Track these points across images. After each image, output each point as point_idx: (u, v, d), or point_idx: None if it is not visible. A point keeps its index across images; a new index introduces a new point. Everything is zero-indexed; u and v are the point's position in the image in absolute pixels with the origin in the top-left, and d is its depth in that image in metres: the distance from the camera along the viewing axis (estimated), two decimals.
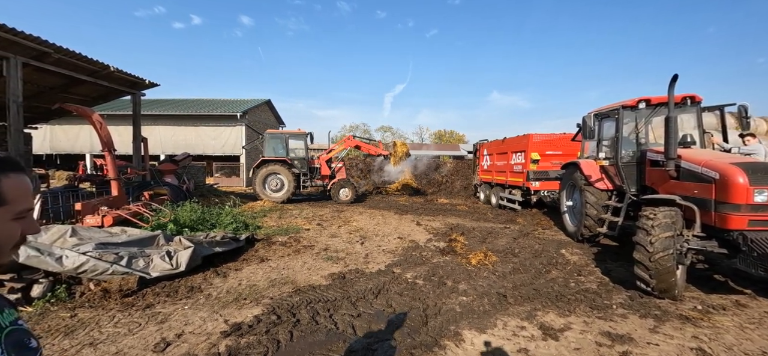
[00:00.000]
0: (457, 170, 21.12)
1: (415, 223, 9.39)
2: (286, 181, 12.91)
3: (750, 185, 3.98)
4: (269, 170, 12.92)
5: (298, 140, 13.87)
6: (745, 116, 5.38)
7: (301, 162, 13.60)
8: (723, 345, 3.37)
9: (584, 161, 7.01)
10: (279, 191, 12.94)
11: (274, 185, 12.96)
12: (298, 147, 13.79)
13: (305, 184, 13.70)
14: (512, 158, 11.29)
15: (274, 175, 12.94)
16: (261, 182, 12.87)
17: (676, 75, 4.56)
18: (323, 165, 14.20)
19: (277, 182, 12.96)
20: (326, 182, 14.20)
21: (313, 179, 14.05)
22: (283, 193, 12.92)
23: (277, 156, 13.23)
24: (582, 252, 6.57)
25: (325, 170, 14.17)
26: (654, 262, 4.14)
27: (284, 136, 13.79)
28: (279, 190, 12.96)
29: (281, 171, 12.92)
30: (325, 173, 14.17)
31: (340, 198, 13.50)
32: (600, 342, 3.39)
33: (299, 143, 13.83)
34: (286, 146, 13.54)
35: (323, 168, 14.17)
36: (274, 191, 12.94)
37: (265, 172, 12.92)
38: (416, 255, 6.30)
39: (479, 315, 3.94)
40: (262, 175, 12.89)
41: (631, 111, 6.00)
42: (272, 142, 13.56)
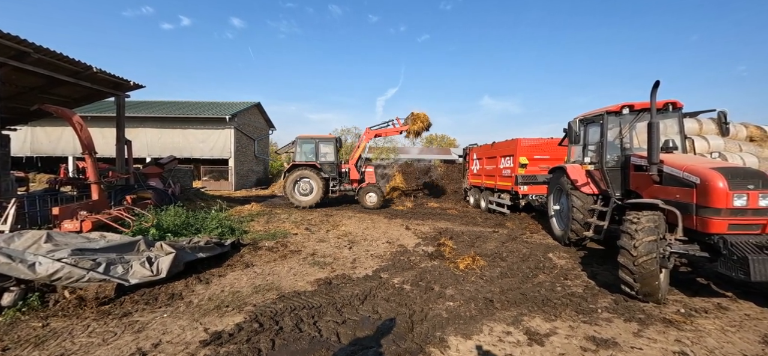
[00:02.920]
0: (447, 174, 21.20)
1: (404, 227, 9.36)
2: (315, 185, 12.93)
3: (730, 190, 4.06)
4: (299, 175, 13.00)
5: (328, 144, 13.80)
6: (724, 122, 5.50)
7: (330, 166, 13.58)
8: (705, 348, 3.40)
9: (570, 166, 7.08)
10: (308, 195, 12.96)
11: (303, 189, 13.01)
12: (328, 152, 13.70)
13: (334, 188, 13.58)
14: (501, 162, 11.37)
15: (304, 179, 13.02)
16: (292, 186, 12.95)
17: (658, 81, 4.64)
18: (352, 169, 14.00)
19: (306, 186, 13.02)
20: (355, 186, 13.99)
21: (342, 184, 13.94)
22: (312, 197, 12.92)
23: (307, 161, 13.26)
24: (569, 256, 6.61)
25: (354, 174, 13.97)
26: (638, 266, 4.18)
27: (315, 140, 13.72)
28: (308, 194, 12.98)
29: (311, 175, 12.95)
30: (355, 177, 13.95)
31: (367, 203, 13.26)
32: (585, 347, 3.38)
33: (329, 148, 13.74)
34: (317, 150, 13.52)
35: (352, 172, 13.98)
36: (304, 195, 12.99)
37: (296, 176, 12.98)
38: (404, 260, 6.25)
39: (466, 321, 3.91)
40: (292, 179, 12.97)
41: (616, 116, 6.08)
42: (303, 146, 13.56)
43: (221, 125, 21.69)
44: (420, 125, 13.59)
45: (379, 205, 13.21)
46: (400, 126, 14.06)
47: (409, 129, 13.69)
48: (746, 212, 4.06)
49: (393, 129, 14.24)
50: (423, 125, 13.64)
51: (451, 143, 63.01)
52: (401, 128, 13.99)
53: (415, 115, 13.69)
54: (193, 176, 17.85)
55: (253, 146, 25.36)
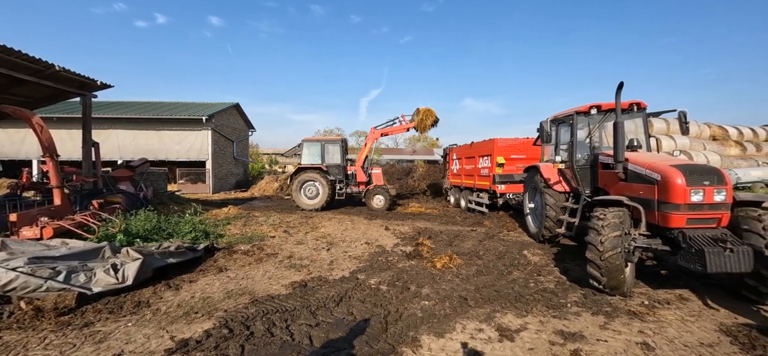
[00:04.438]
0: (429, 174, 21.37)
1: (383, 228, 9.35)
2: (322, 188, 12.71)
3: (687, 186, 4.26)
4: (305, 178, 12.78)
5: (334, 146, 13.59)
6: (684, 122, 5.77)
7: (337, 169, 13.34)
8: (666, 338, 3.55)
9: (544, 165, 7.27)
10: (314, 199, 12.75)
11: (310, 193, 12.81)
12: (334, 154, 13.48)
13: (341, 191, 13.33)
14: (479, 162, 11.56)
15: (310, 182, 12.80)
16: (298, 189, 12.77)
17: (622, 82, 4.82)
18: (359, 171, 13.71)
19: (312, 189, 12.82)
20: (362, 188, 13.73)
21: (349, 186, 13.67)
22: (318, 200, 12.70)
23: (313, 163, 13.03)
24: (543, 252, 6.78)
25: (360, 176, 13.68)
26: (604, 260, 4.32)
27: (321, 142, 13.55)
28: (315, 197, 12.78)
29: (317, 178, 12.74)
30: (362, 180, 13.66)
31: (374, 206, 13.01)
32: (553, 341, 3.47)
33: (335, 150, 13.52)
34: (322, 152, 13.29)
35: (359, 174, 13.69)
36: (310, 198, 12.80)
37: (301, 179, 12.78)
38: (382, 260, 6.25)
39: (439, 320, 3.94)
40: (298, 182, 12.78)
41: (585, 116, 6.29)
42: (309, 149, 13.34)
43: (198, 126, 21.08)
44: (430, 119, 13.34)
45: (387, 207, 12.93)
46: (407, 123, 13.73)
47: (417, 125, 13.42)
48: (703, 207, 4.27)
49: (400, 127, 13.90)
50: (432, 119, 13.40)
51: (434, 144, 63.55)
52: (408, 125, 13.69)
53: (421, 111, 13.42)
54: (168, 179, 17.27)
55: (231, 147, 24.78)
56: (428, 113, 13.27)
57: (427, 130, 13.40)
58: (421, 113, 13.29)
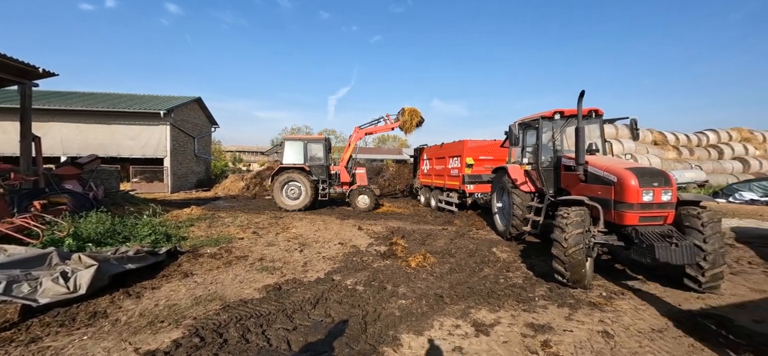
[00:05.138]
0: (399, 174, 21.59)
1: (356, 228, 9.32)
2: (305, 189, 12.45)
3: (640, 187, 4.67)
4: (287, 178, 12.46)
5: (317, 145, 13.28)
6: (635, 128, 6.32)
7: (320, 169, 13.07)
8: (622, 325, 3.87)
9: (511, 166, 7.63)
10: (297, 199, 12.49)
11: (292, 193, 12.52)
12: (318, 153, 13.21)
13: (324, 191, 13.06)
14: (449, 162, 11.87)
15: (293, 182, 12.52)
16: (279, 190, 12.44)
17: (583, 91, 5.18)
18: (343, 171, 13.58)
19: (295, 189, 12.55)
20: (346, 188, 13.58)
21: (332, 186, 13.48)
22: (300, 201, 12.44)
23: (295, 163, 12.73)
24: (510, 250, 7.11)
25: (344, 176, 13.54)
26: (568, 256, 4.63)
27: (303, 142, 13.22)
28: (297, 198, 12.52)
29: (299, 178, 12.47)
30: (345, 180, 13.52)
31: (359, 206, 12.87)
32: (524, 334, 3.66)
33: (318, 149, 13.24)
34: (305, 152, 12.98)
35: (343, 174, 13.55)
36: (292, 199, 12.52)
37: (283, 179, 12.44)
38: (357, 261, 6.23)
39: (417, 318, 4.00)
40: (280, 183, 12.45)
41: (549, 121, 6.68)
42: (291, 148, 12.98)
43: (155, 121, 19.70)
44: (415, 120, 13.43)
45: (371, 207, 12.85)
46: (392, 123, 13.75)
47: (402, 125, 13.46)
48: (652, 206, 4.70)
49: (385, 126, 13.89)
50: (417, 119, 13.51)
51: (403, 144, 64.32)
52: (393, 125, 13.72)
53: (406, 111, 13.46)
54: (120, 178, 16.02)
55: (192, 144, 23.45)
56: (414, 113, 13.40)
57: (412, 130, 13.54)
58: (407, 113, 13.39)
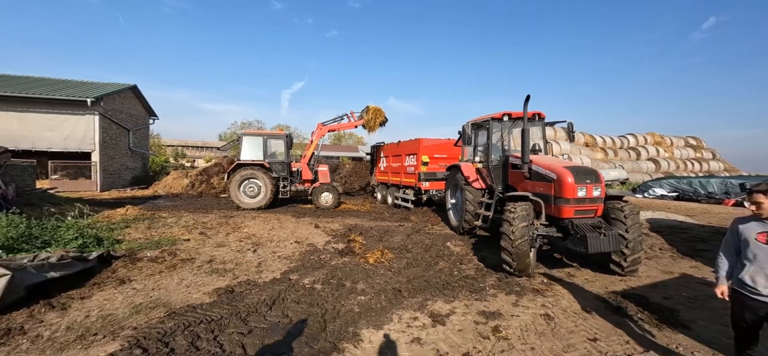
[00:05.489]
0: (355, 172, 21.55)
1: (313, 226, 9.16)
2: (264, 186, 11.96)
3: (575, 184, 5.19)
4: (245, 175, 11.87)
5: (278, 141, 12.85)
6: (571, 131, 6.99)
7: (280, 165, 12.59)
8: (561, 308, 4.28)
9: (464, 164, 8.02)
10: (256, 197, 11.98)
11: (251, 191, 11.98)
12: (278, 149, 12.81)
13: (285, 189, 12.60)
14: (406, 160, 12.13)
15: (251, 180, 11.97)
16: (236, 187, 11.84)
17: (529, 95, 5.62)
18: (304, 168, 13.22)
19: (253, 187, 12.00)
20: (308, 186, 13.20)
21: (294, 184, 13.09)
22: (260, 198, 11.95)
23: (254, 159, 12.13)
24: (463, 243, 7.48)
25: (306, 173, 13.20)
26: (515, 248, 5.01)
27: (263, 137, 12.64)
28: (256, 195, 12.00)
29: (259, 175, 11.94)
30: (307, 177, 13.17)
31: (321, 203, 12.54)
32: (477, 321, 3.90)
33: (279, 145, 12.84)
34: (265, 148, 12.45)
35: (305, 172, 13.19)
36: (251, 197, 11.99)
37: (241, 176, 11.84)
38: (314, 259, 6.14)
39: (377, 313, 4.07)
40: (237, 180, 11.83)
41: (498, 122, 7.13)
42: (249, 144, 12.39)
43: (80, 110, 17.45)
44: (380, 118, 13.39)
45: (335, 205, 12.67)
46: (355, 120, 13.63)
47: (366, 123, 13.35)
48: (585, 200, 5.25)
49: (348, 123, 13.73)
50: (381, 118, 13.47)
51: (359, 141, 64.22)
52: (357, 122, 13.60)
53: (371, 109, 13.39)
54: (37, 174, 14.01)
55: (127, 137, 21.22)
56: (378, 112, 13.42)
57: (375, 129, 13.52)
58: (372, 111, 13.36)
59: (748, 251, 2.50)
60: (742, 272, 2.52)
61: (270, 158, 12.58)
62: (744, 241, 2.53)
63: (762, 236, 2.44)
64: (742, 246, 2.56)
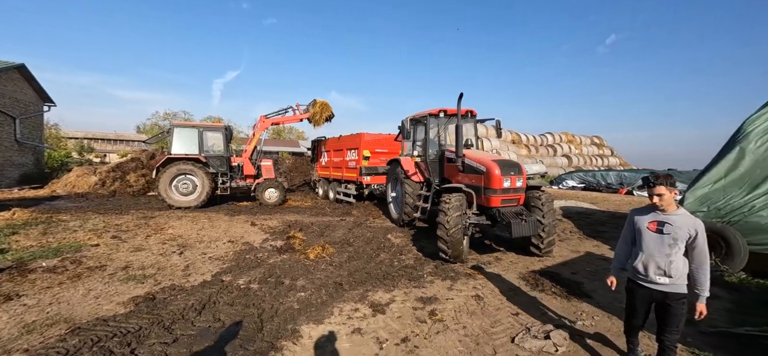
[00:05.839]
0: (296, 167, 20.87)
1: (249, 223, 8.65)
2: (200, 182, 11.01)
3: (501, 175, 5.69)
4: (178, 170, 10.82)
5: (215, 133, 11.89)
6: (499, 128, 7.62)
7: (219, 160, 11.66)
8: (489, 289, 4.68)
9: (403, 158, 8.27)
10: (191, 195, 10.98)
11: (184, 188, 10.94)
12: (216, 142, 11.85)
13: (225, 185, 11.72)
14: (347, 154, 12.08)
15: (185, 175, 10.93)
16: (167, 184, 10.75)
17: (462, 93, 5.99)
18: (246, 163, 12.36)
19: (187, 184, 10.97)
20: (251, 182, 12.37)
21: (234, 180, 12.15)
22: (195, 196, 10.97)
23: (188, 153, 11.12)
24: (403, 235, 7.73)
25: (248, 168, 12.35)
26: (450, 236, 5.33)
27: (198, 129, 11.59)
28: (191, 193, 10.99)
29: (194, 171, 10.94)
30: (249, 172, 12.34)
31: (266, 200, 11.93)
32: (415, 307, 4.07)
33: (217, 138, 11.89)
34: (201, 141, 11.43)
35: (246, 167, 12.32)
36: (185, 194, 10.96)
37: (172, 172, 10.75)
38: (250, 258, 5.82)
39: (317, 308, 4.01)
40: (168, 176, 10.73)
41: (435, 118, 7.48)
42: (181, 136, 11.29)
43: None
44: (326, 113, 12.95)
45: (280, 201, 12.13)
46: (301, 114, 13.03)
47: (312, 117, 12.83)
48: (510, 190, 5.79)
49: (293, 117, 13.12)
50: (327, 113, 13.03)
51: (300, 136, 62.18)
52: (303, 115, 13.01)
53: (318, 103, 12.91)
54: None
55: (12, 126, 17.69)
56: (325, 106, 13.05)
57: (321, 123, 13.13)
58: (319, 105, 12.96)
59: (640, 240, 2.62)
60: (635, 260, 2.64)
61: (207, 151, 11.59)
62: (638, 230, 2.65)
63: (653, 225, 2.55)
64: (636, 236, 2.67)
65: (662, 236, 2.49)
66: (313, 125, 13.26)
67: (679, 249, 2.46)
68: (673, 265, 2.46)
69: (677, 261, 2.46)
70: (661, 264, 2.49)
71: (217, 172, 11.67)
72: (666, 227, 2.48)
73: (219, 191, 11.78)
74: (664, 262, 2.48)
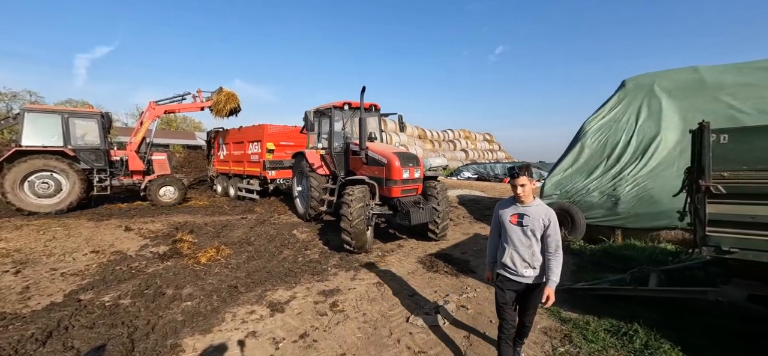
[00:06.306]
0: (189, 161, 18.52)
1: (122, 228, 7.31)
2: (68, 181, 8.89)
3: (401, 167, 6.01)
4: (34, 166, 8.57)
5: (87, 121, 9.74)
6: (401, 122, 8.03)
7: (94, 154, 9.66)
8: (390, 274, 4.92)
9: (309, 151, 8.06)
10: (53, 197, 8.78)
11: (44, 188, 8.69)
12: (88, 132, 9.71)
13: (103, 184, 9.76)
14: (249, 147, 11.20)
15: (44, 173, 8.70)
16: (15, 183, 8.37)
17: (364, 86, 6.10)
18: (132, 157, 10.43)
19: (48, 183, 8.74)
20: (140, 179, 10.51)
21: (117, 177, 10.20)
22: (61, 198, 8.81)
23: (48, 145, 8.92)
24: (310, 230, 7.56)
25: (135, 162, 10.46)
26: (353, 227, 5.42)
27: (62, 115, 9.32)
28: (53, 195, 8.78)
29: (56, 167, 8.78)
30: (137, 168, 10.48)
31: (161, 200, 10.33)
32: (317, 301, 4.03)
33: (89, 127, 9.73)
34: (67, 130, 9.24)
35: (132, 161, 10.41)
36: (45, 196, 8.71)
37: (24, 169, 8.46)
38: (122, 270, 4.93)
39: (205, 316, 3.63)
40: (17, 174, 8.39)
41: (340, 111, 7.47)
42: (37, 124, 8.95)
43: None
44: (232, 104, 11.49)
45: (179, 200, 10.62)
46: (201, 102, 11.38)
47: (214, 106, 11.31)
48: (409, 181, 6.17)
49: (192, 105, 11.43)
50: (233, 105, 11.57)
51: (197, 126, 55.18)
52: (203, 104, 11.39)
53: (224, 91, 11.44)
54: None
55: None
56: (232, 97, 11.68)
57: (223, 114, 11.72)
58: (224, 93, 11.54)
59: (505, 234, 2.58)
60: (504, 255, 2.58)
61: (77, 143, 9.40)
62: (502, 225, 2.60)
63: (514, 219, 2.52)
64: (502, 230, 2.63)
65: (523, 229, 2.48)
66: (214, 115, 11.90)
67: (538, 240, 2.48)
68: (535, 256, 2.48)
69: (538, 252, 2.49)
70: (525, 257, 2.49)
71: (92, 168, 9.61)
72: (525, 220, 2.47)
73: (95, 192, 9.75)
74: (527, 254, 2.49)
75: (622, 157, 6.63)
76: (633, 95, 7.23)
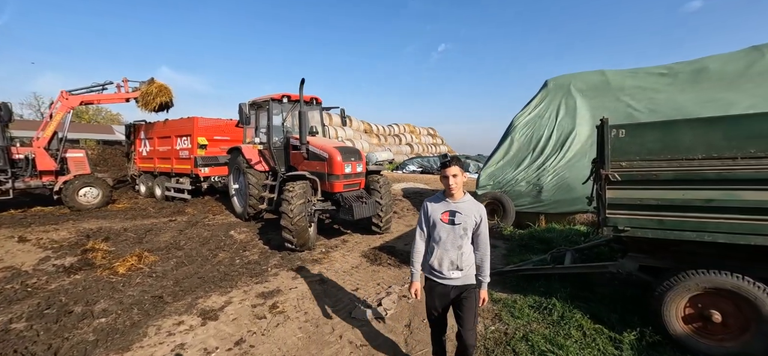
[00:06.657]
0: (105, 159, 16.32)
1: (14, 239, 6.19)
2: None
3: (343, 162, 5.96)
4: None
5: None
6: (344, 116, 7.94)
7: None
8: (334, 270, 4.87)
9: (246, 146, 7.58)
10: None
11: None
12: None
13: (4, 187, 8.59)
14: (177, 143, 10.18)
15: None
16: None
17: (303, 79, 5.88)
18: (42, 155, 9.10)
19: None
20: (51, 180, 9.27)
21: (21, 178, 8.93)
22: None
23: None
24: (249, 229, 7.15)
25: (44, 161, 9.15)
26: (294, 225, 5.24)
27: None
28: None
29: None
30: (48, 167, 9.21)
31: (81, 203, 9.16)
32: (255, 304, 3.83)
33: None
34: None
35: (41, 159, 9.07)
36: None
37: None
38: (14, 288, 4.19)
39: (123, 333, 3.25)
40: None
41: (278, 103, 7.13)
42: None
43: None
44: (163, 98, 10.36)
45: (103, 203, 9.58)
46: (127, 92, 10.10)
47: (141, 97, 10.14)
48: (351, 175, 6.15)
49: (115, 95, 10.12)
50: (165, 99, 10.41)
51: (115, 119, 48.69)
52: (130, 94, 10.14)
53: (156, 83, 10.28)
54: None
55: None
56: (164, 90, 10.50)
57: (151, 108, 10.50)
58: (156, 86, 10.35)
59: (435, 232, 2.30)
60: (432, 256, 2.32)
61: None
62: (433, 223, 2.32)
63: (445, 216, 2.27)
64: (431, 229, 2.34)
65: (454, 228, 2.25)
66: (142, 108, 10.60)
67: (469, 238, 2.28)
68: (464, 256, 2.26)
69: (467, 252, 2.28)
70: (453, 258, 2.25)
71: None
72: (457, 217, 2.24)
73: None
74: (455, 255, 2.25)
75: (545, 150, 7.35)
76: (554, 93, 8.04)
